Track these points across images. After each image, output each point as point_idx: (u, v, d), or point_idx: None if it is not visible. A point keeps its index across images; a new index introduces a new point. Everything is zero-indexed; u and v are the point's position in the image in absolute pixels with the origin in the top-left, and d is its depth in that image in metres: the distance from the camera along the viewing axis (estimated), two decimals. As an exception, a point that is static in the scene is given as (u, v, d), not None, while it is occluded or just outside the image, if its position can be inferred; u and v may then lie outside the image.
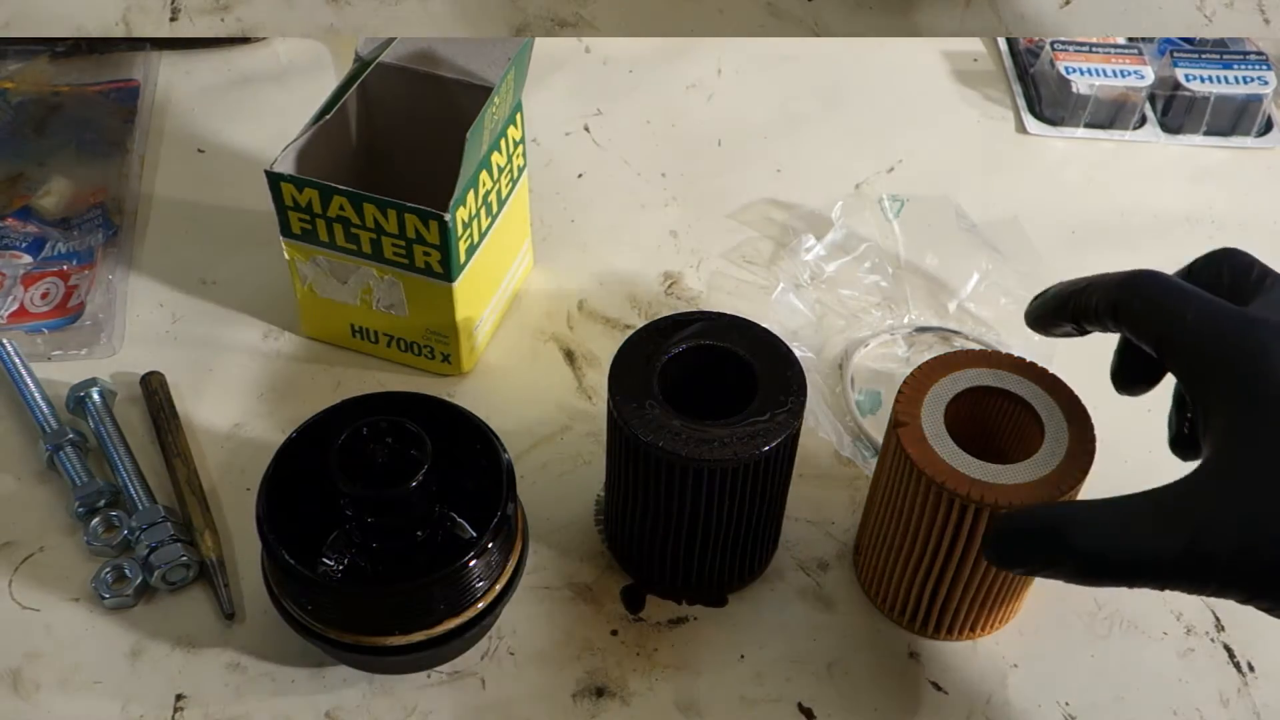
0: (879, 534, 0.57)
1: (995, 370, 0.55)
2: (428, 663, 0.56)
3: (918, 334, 0.72)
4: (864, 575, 0.60)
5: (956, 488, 0.51)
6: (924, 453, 0.52)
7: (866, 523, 0.60)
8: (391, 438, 0.53)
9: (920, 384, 0.55)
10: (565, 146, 0.83)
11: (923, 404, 0.54)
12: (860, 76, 0.90)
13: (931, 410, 0.54)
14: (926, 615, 0.57)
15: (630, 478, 0.55)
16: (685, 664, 0.58)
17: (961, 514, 0.51)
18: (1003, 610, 0.58)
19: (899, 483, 0.54)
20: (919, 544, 0.54)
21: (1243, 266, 0.49)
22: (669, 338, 0.57)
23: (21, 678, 0.56)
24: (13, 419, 0.66)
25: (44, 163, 0.79)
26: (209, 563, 0.59)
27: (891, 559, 0.57)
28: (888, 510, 0.56)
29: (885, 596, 0.59)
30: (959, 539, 0.52)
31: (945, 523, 0.52)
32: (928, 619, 0.58)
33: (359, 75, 0.67)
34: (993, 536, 0.48)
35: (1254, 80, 0.84)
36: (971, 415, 0.56)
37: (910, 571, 0.56)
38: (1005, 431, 0.56)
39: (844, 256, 0.75)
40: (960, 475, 0.51)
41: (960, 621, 0.57)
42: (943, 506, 0.52)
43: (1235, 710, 0.57)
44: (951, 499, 0.51)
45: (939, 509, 0.52)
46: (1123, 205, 0.81)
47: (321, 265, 0.66)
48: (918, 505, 0.53)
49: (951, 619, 0.57)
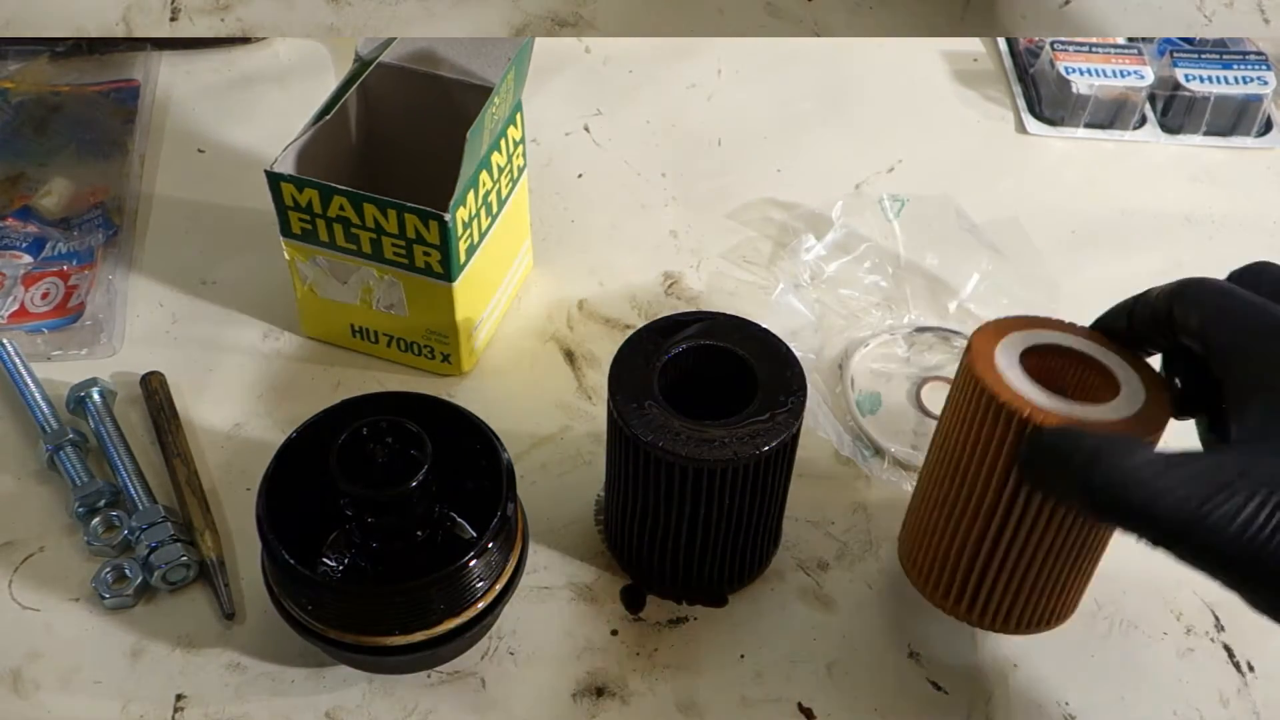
0: (930, 494, 0.53)
1: (1070, 335, 0.52)
2: (428, 663, 0.56)
3: (918, 334, 0.72)
4: (905, 548, 0.57)
5: (1020, 409, 0.47)
6: (992, 375, 0.49)
7: (918, 489, 0.56)
8: (391, 438, 0.53)
9: (994, 334, 0.51)
10: (565, 146, 0.83)
11: (999, 344, 0.51)
12: (860, 76, 0.90)
13: (1008, 349, 0.51)
14: (961, 591, 0.53)
15: (630, 478, 0.55)
16: (685, 664, 0.58)
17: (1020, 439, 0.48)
18: (1047, 603, 0.54)
19: (965, 422, 0.50)
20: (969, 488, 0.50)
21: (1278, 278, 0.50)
22: (669, 338, 0.57)
23: (21, 678, 0.56)
24: (13, 419, 0.66)
25: (44, 163, 0.79)
26: (209, 563, 0.59)
27: (942, 519, 0.53)
28: (945, 455, 0.52)
29: (927, 569, 0.55)
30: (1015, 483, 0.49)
31: (1000, 453, 0.49)
32: (962, 595, 0.53)
33: (359, 75, 0.67)
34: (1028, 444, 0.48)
35: (1254, 80, 0.84)
36: (1045, 372, 0.52)
37: (958, 529, 0.52)
38: (1079, 393, 0.52)
39: (844, 256, 0.75)
40: (1026, 400, 0.48)
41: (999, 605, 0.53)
42: (1000, 429, 0.48)
43: (1235, 710, 0.57)
44: (1011, 418, 0.47)
45: (997, 434, 0.48)
46: (1123, 205, 0.81)
47: (321, 265, 0.66)
48: (978, 433, 0.49)
49: (987, 599, 0.53)
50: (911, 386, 0.70)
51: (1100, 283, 0.76)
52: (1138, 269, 0.77)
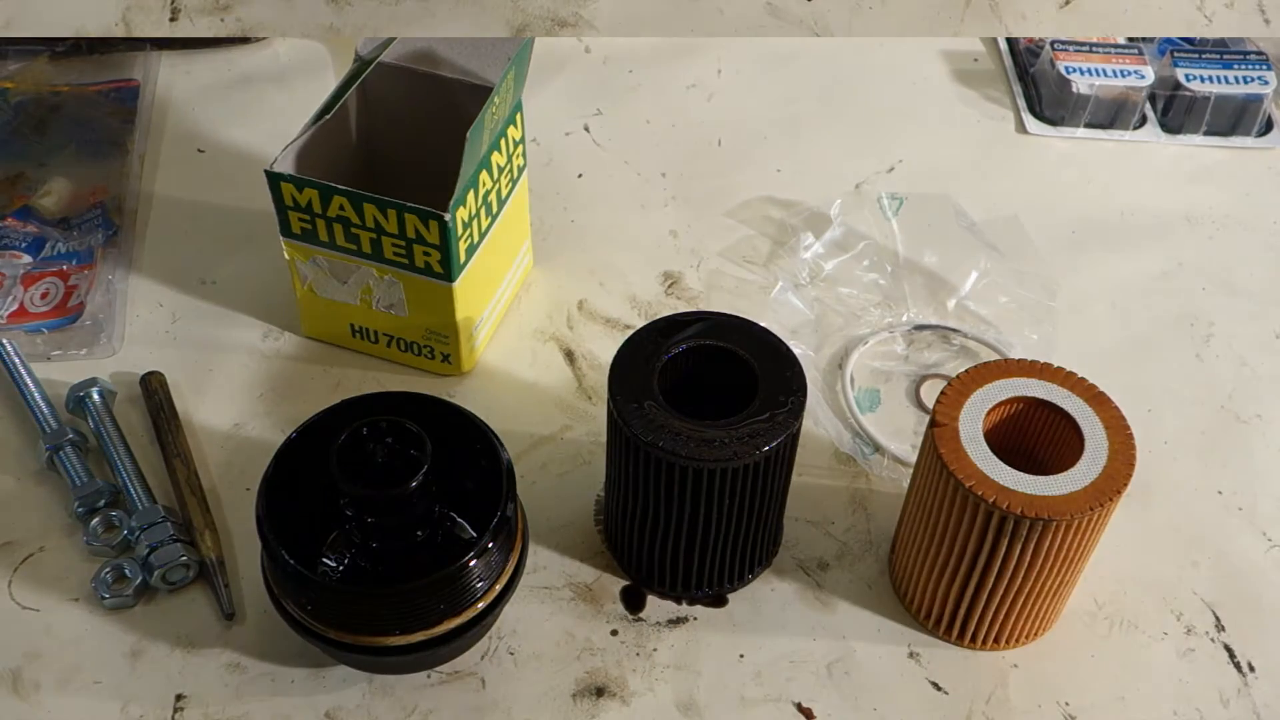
0: (910, 536, 0.57)
1: (1042, 381, 0.54)
2: (428, 663, 0.56)
3: (916, 332, 0.72)
4: (896, 577, 0.60)
5: (985, 494, 0.50)
6: (957, 456, 0.51)
7: (900, 524, 0.59)
8: (391, 438, 0.53)
9: (964, 388, 0.54)
10: (565, 146, 0.83)
11: (963, 407, 0.53)
12: (860, 77, 0.90)
13: (971, 415, 0.53)
14: (950, 622, 0.57)
15: (630, 478, 0.55)
16: (685, 664, 0.58)
17: (987, 520, 0.51)
18: (1032, 623, 0.57)
19: (931, 484, 0.53)
20: (946, 549, 0.54)
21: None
22: (669, 338, 0.57)
23: (21, 678, 0.56)
24: (13, 419, 0.66)
25: (44, 163, 0.79)
26: (209, 563, 0.59)
27: (920, 563, 0.56)
28: (919, 511, 0.55)
29: (914, 599, 0.58)
30: (984, 547, 0.52)
31: (971, 528, 0.52)
32: (951, 626, 0.57)
33: (359, 75, 0.67)
34: None
35: (1254, 80, 0.84)
36: (1014, 425, 0.55)
37: (937, 576, 0.55)
38: (1046, 444, 0.55)
39: (843, 254, 0.75)
40: (991, 482, 0.50)
41: (988, 632, 0.57)
42: (969, 511, 0.51)
43: (1235, 710, 0.57)
44: (978, 504, 0.51)
45: (966, 514, 0.51)
46: (1123, 205, 0.81)
47: (321, 265, 0.66)
48: (946, 508, 0.52)
49: (976, 627, 0.57)
50: (910, 384, 0.70)
51: (1100, 283, 0.76)
52: (1138, 269, 0.77)
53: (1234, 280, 0.76)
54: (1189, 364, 0.72)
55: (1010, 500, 0.50)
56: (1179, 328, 0.73)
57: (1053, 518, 0.50)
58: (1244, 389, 0.70)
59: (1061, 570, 0.53)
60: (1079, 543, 0.52)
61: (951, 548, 0.54)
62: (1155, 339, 0.73)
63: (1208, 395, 0.70)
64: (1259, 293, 0.76)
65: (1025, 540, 0.51)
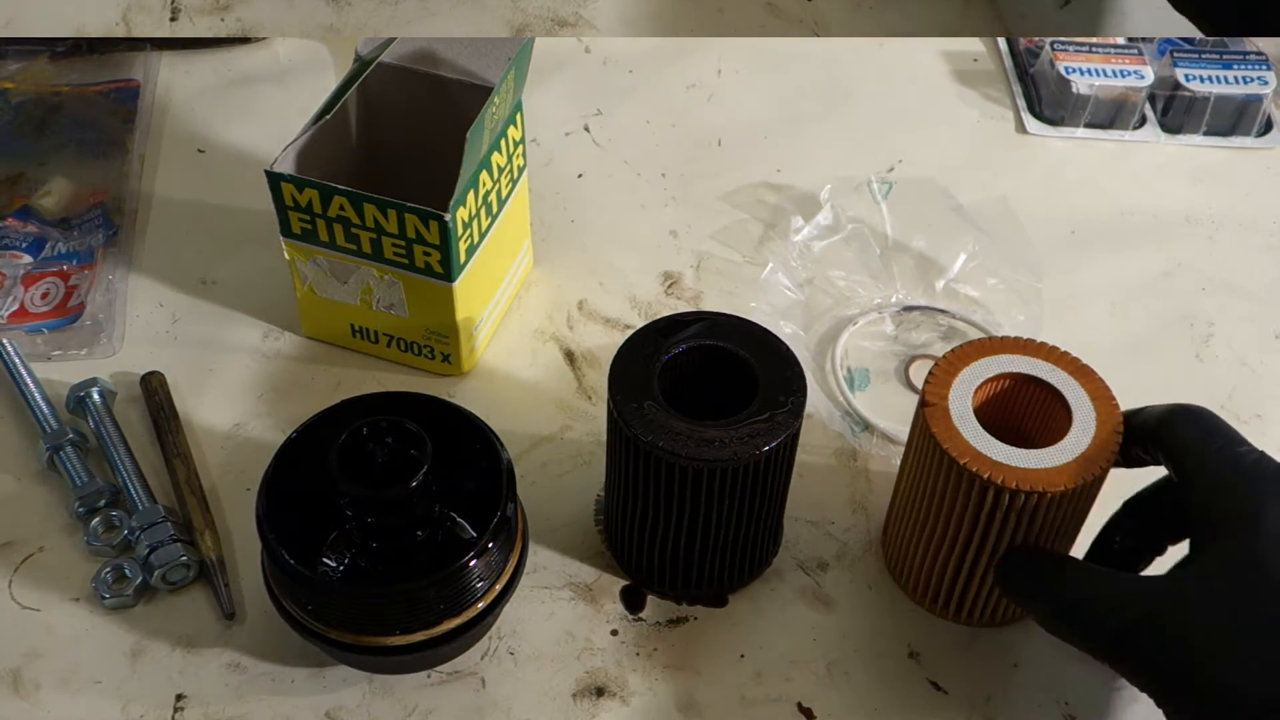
0: (903, 515, 0.57)
1: (1027, 357, 0.55)
2: (428, 663, 0.56)
3: (905, 313, 0.73)
4: (889, 556, 0.60)
5: (980, 470, 0.51)
6: (950, 434, 0.52)
7: (893, 503, 0.60)
8: (391, 438, 0.53)
9: (952, 367, 0.55)
10: (565, 146, 0.83)
11: (952, 386, 0.54)
12: (860, 76, 0.90)
13: (960, 393, 0.54)
14: (948, 598, 0.58)
15: (630, 478, 0.55)
16: (685, 664, 0.58)
17: (982, 496, 0.51)
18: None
19: (922, 462, 0.54)
20: (941, 525, 0.54)
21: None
22: (669, 338, 0.57)
23: (21, 678, 0.56)
24: (13, 419, 0.66)
25: (44, 163, 0.79)
26: (209, 563, 0.59)
27: (915, 540, 0.57)
28: (912, 490, 0.56)
29: (909, 577, 0.59)
30: (979, 522, 0.53)
31: (966, 504, 0.52)
32: (948, 602, 0.58)
33: (359, 75, 0.67)
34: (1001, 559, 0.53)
35: (1254, 80, 0.84)
36: (1001, 402, 0.56)
37: (933, 553, 0.56)
38: (1033, 419, 0.56)
39: (832, 237, 0.76)
40: (983, 457, 0.51)
41: (982, 607, 0.57)
42: (964, 488, 0.52)
43: (1235, 710, 0.57)
44: (973, 480, 0.51)
45: (959, 490, 0.52)
46: (1123, 205, 0.81)
47: (321, 265, 0.66)
48: (940, 485, 0.53)
49: (972, 604, 0.57)
50: (899, 364, 0.70)
51: (1100, 282, 0.76)
52: (1138, 269, 0.77)
53: (1234, 280, 0.76)
54: (1189, 364, 0.72)
55: (1005, 475, 0.51)
56: (1179, 328, 0.73)
57: (1047, 490, 0.51)
58: (1244, 389, 0.70)
59: (1055, 544, 0.54)
60: (1072, 513, 0.53)
61: (947, 525, 0.54)
62: (1155, 339, 0.73)
63: (1207, 395, 0.69)
64: (1259, 293, 0.76)
65: (1020, 513, 0.52)
